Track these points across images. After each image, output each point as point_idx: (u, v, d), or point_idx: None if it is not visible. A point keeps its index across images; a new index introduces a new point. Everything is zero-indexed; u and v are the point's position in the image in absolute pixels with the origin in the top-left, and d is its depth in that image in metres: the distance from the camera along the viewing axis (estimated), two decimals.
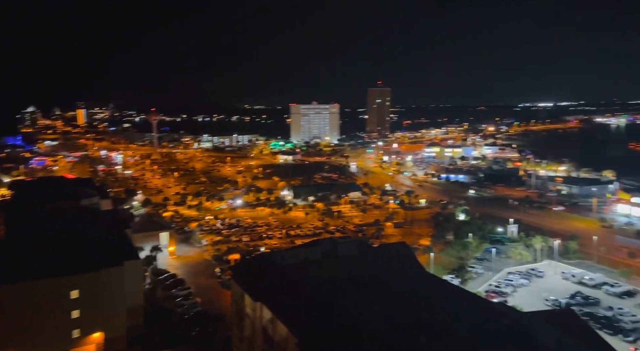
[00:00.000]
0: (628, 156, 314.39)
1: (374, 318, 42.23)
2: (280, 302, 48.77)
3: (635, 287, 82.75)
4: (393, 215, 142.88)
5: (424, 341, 37.50)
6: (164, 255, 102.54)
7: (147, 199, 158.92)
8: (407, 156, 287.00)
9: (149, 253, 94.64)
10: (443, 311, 42.60)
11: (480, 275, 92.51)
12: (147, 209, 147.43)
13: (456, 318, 40.72)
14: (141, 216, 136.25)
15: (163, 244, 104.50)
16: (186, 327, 67.17)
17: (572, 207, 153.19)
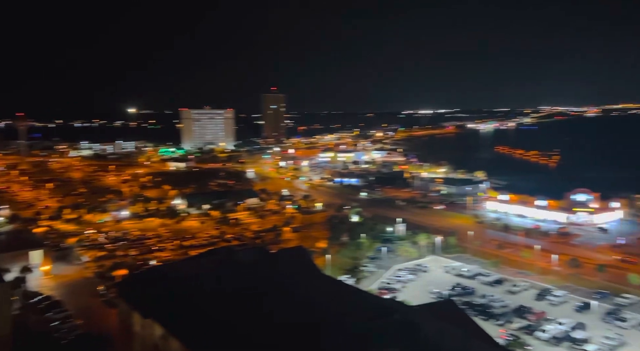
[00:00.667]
0: (495, 158, 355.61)
1: (270, 325, 42.05)
2: (172, 317, 46.29)
3: (503, 275, 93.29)
4: (291, 220, 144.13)
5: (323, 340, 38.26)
6: (37, 276, 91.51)
7: (15, 215, 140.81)
8: (303, 161, 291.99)
9: (18, 275, 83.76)
10: (337, 311, 43.91)
11: (373, 273, 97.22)
12: (15, 225, 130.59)
13: (350, 317, 42.24)
14: (7, 233, 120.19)
15: (34, 264, 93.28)
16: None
17: (450, 205, 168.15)
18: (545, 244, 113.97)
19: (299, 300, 47.62)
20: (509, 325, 71.51)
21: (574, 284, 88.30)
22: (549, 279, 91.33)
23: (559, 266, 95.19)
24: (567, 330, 67.92)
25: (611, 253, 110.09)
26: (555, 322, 70.62)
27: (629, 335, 67.20)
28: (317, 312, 44.49)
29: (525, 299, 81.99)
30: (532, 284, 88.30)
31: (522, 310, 76.16)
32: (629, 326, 69.74)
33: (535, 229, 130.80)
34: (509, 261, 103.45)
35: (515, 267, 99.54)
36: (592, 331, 67.58)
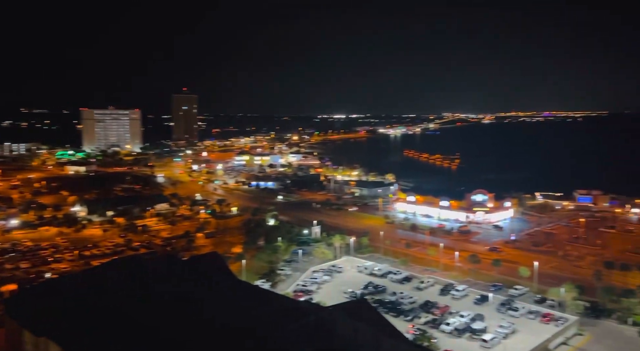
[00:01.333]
0: (403, 161, 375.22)
1: (181, 336, 40.19)
2: (71, 335, 42.37)
3: (411, 273, 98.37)
4: (204, 225, 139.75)
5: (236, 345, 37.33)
6: None
7: None
8: (218, 164, 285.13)
9: None
10: (252, 316, 43.20)
11: (289, 277, 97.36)
12: None
13: (264, 321, 41.75)
14: None
15: None
16: None
17: (363, 207, 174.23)
18: (448, 242, 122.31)
19: (212, 307, 46.09)
20: (417, 320, 75.48)
21: (473, 279, 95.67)
22: (452, 274, 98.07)
23: (461, 262, 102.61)
24: (468, 322, 73.28)
25: (504, 248, 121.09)
26: (457, 315, 75.82)
27: (519, 323, 74.19)
28: (231, 318, 43.38)
29: (431, 294, 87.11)
30: (437, 280, 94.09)
31: (428, 305, 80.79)
32: (520, 315, 77.02)
33: (440, 228, 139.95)
34: (417, 259, 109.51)
35: (422, 264, 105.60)
36: (489, 321, 73.58)
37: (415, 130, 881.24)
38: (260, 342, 38.49)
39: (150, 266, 59.10)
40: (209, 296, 49.46)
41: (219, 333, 40.43)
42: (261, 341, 38.55)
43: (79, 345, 40.84)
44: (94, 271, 68.37)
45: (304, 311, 46.36)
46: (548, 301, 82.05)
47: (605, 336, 70.98)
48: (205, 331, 40.94)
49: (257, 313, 44.58)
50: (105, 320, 44.33)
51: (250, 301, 48.41)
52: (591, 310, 78.02)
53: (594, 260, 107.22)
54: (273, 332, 39.73)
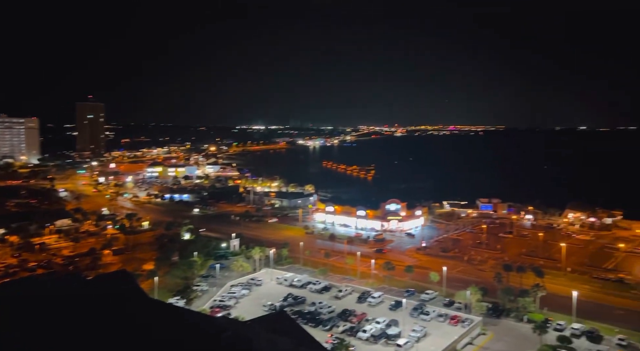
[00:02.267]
0: (322, 172, 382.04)
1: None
2: None
3: (330, 282, 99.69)
4: (112, 242, 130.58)
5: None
6: None
7: None
8: (127, 176, 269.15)
9: None
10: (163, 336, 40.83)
11: (206, 292, 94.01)
12: None
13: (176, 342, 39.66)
14: None
15: None
16: None
17: (283, 218, 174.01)
18: (365, 250, 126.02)
19: (120, 329, 42.80)
20: (335, 329, 76.48)
21: (388, 285, 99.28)
22: (368, 282, 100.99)
23: (376, 269, 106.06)
24: (383, 328, 75.73)
25: (416, 255, 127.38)
26: (373, 322, 78.06)
27: (431, 326, 78.18)
28: (140, 340, 40.56)
29: (349, 303, 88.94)
30: (355, 288, 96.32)
31: (346, 313, 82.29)
32: (431, 319, 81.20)
33: (357, 237, 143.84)
34: (336, 268, 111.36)
35: (341, 273, 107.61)
36: (403, 326, 76.60)
37: (333, 142, 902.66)
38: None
39: (48, 287, 53.66)
40: (116, 317, 45.91)
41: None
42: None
43: None
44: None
45: (220, 328, 44.77)
46: (456, 304, 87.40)
47: (505, 334, 77.10)
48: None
49: (170, 332, 42.20)
50: None
51: (162, 320, 45.74)
52: (493, 310, 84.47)
53: (494, 263, 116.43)
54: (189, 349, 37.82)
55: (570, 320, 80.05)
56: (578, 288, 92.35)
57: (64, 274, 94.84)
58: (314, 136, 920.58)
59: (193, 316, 51.90)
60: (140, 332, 42.79)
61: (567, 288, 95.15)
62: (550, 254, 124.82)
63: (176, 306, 68.13)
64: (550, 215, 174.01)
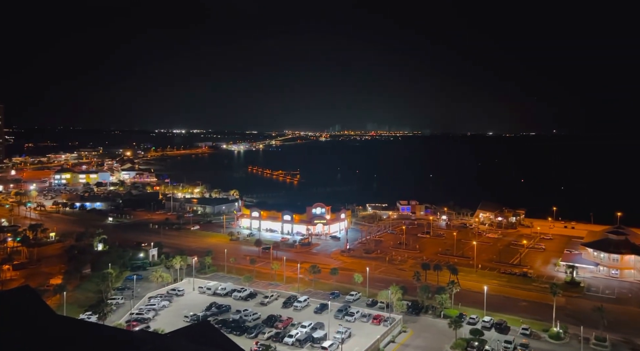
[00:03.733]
0: (247, 177, 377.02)
1: None
2: None
3: (255, 289, 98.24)
4: (12, 255, 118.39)
5: None
6: None
7: None
8: (31, 184, 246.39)
9: None
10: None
11: (122, 306, 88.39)
12: None
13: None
14: None
15: None
16: None
17: (207, 225, 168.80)
18: (291, 255, 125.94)
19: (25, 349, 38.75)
20: (261, 336, 75.42)
21: (314, 289, 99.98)
22: (294, 287, 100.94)
23: (302, 273, 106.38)
24: (309, 331, 75.98)
25: (341, 257, 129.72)
26: (299, 326, 78.04)
27: (355, 327, 79.78)
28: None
29: (275, 308, 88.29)
30: (280, 293, 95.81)
31: (272, 319, 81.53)
32: (355, 319, 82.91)
33: (283, 242, 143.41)
34: (262, 274, 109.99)
35: (267, 279, 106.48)
36: (328, 328, 77.42)
37: (259, 146, 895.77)
38: None
39: None
40: (18, 340, 41.55)
41: None
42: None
43: None
44: None
45: (137, 342, 42.20)
46: (378, 304, 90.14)
47: (424, 330, 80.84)
48: None
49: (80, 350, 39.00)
50: None
51: (71, 339, 42.16)
52: (412, 307, 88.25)
53: (413, 263, 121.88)
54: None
55: (482, 313, 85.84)
56: (488, 283, 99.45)
57: None
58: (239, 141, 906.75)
59: (108, 331, 48.49)
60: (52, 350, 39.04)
61: (478, 283, 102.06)
62: (463, 252, 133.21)
63: (87, 321, 63.26)
64: (464, 215, 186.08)
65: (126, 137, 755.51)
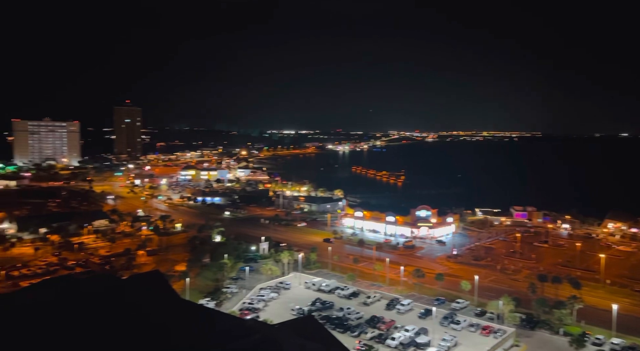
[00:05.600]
0: (351, 177, 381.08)
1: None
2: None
3: (358, 288, 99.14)
4: (146, 242, 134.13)
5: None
6: None
7: None
8: (162, 179, 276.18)
9: None
10: (194, 337, 41.61)
11: (235, 294, 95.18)
12: None
13: (207, 342, 40.36)
14: None
15: None
16: None
17: (312, 222, 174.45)
18: (394, 257, 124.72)
19: (152, 329, 43.92)
20: (363, 335, 75.93)
21: (418, 293, 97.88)
22: (397, 289, 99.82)
23: (406, 276, 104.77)
24: (412, 336, 74.65)
25: (447, 263, 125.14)
26: (402, 329, 77.06)
27: (461, 336, 76.53)
28: (172, 340, 41.51)
29: (378, 309, 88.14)
30: (383, 295, 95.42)
31: (374, 320, 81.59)
32: (461, 328, 79.51)
33: (386, 243, 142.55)
34: (364, 274, 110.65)
35: (369, 279, 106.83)
36: (432, 335, 75.32)
37: (363, 147, 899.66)
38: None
39: (86, 286, 55.62)
40: (149, 317, 47.16)
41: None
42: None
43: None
44: (22, 292, 63.42)
45: (249, 330, 45.28)
46: (487, 314, 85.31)
47: (540, 347, 74.62)
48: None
49: (200, 333, 43.00)
50: (37, 346, 41.08)
51: (193, 321, 46.66)
52: (526, 321, 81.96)
53: (529, 273, 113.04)
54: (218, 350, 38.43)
55: (609, 334, 76.77)
56: (618, 301, 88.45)
57: (101, 274, 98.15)
58: (344, 141, 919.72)
59: (223, 317, 52.75)
60: (173, 332, 43.76)
61: (606, 301, 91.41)
62: (588, 265, 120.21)
63: (207, 307, 69.29)
64: (589, 225, 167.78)
65: (242, 138, 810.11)
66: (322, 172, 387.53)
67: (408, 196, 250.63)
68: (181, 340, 41.87)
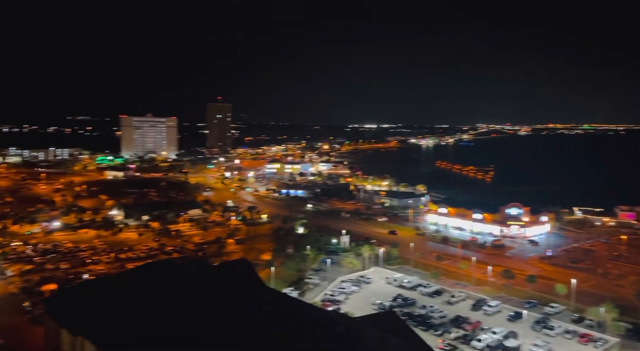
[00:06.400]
0: (435, 172, 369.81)
1: (210, 340, 40.71)
2: (106, 334, 43.61)
3: (442, 286, 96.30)
4: (235, 232, 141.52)
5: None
6: None
7: None
8: (249, 172, 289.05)
9: None
10: (280, 324, 43.30)
11: (317, 286, 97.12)
12: None
13: (292, 329, 41.78)
14: None
15: None
16: None
17: (393, 217, 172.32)
18: (481, 256, 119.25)
19: (240, 313, 46.49)
20: (447, 335, 73.73)
21: (506, 295, 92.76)
22: (484, 289, 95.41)
23: (494, 277, 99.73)
24: (500, 339, 71.01)
25: (540, 264, 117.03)
26: (489, 331, 73.62)
27: (555, 342, 71.33)
28: (259, 325, 43.64)
29: (462, 309, 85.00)
30: (469, 294, 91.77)
31: (459, 320, 78.84)
32: (556, 334, 74.08)
33: (472, 242, 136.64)
34: (448, 272, 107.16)
35: (454, 278, 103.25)
36: (523, 339, 71.06)
37: (448, 141, 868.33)
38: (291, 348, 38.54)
39: (182, 270, 60.23)
40: (238, 302, 49.93)
41: (248, 339, 40.73)
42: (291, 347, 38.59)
43: (113, 344, 41.96)
44: (129, 273, 70.32)
45: (331, 321, 46.13)
46: (586, 321, 78.60)
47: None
48: (234, 336, 41.32)
49: (285, 321, 44.67)
50: (139, 320, 45.43)
51: (279, 308, 48.57)
52: (633, 332, 74.24)
53: (636, 279, 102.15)
54: (301, 340, 39.71)
55: None
56: None
57: (195, 259, 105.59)
58: (428, 135, 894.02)
59: (307, 307, 54.34)
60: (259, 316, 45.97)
61: None
62: None
63: (291, 296, 71.56)
64: None
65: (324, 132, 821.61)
66: (404, 166, 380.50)
67: (497, 192, 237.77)
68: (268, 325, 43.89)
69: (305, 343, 39.49)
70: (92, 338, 43.07)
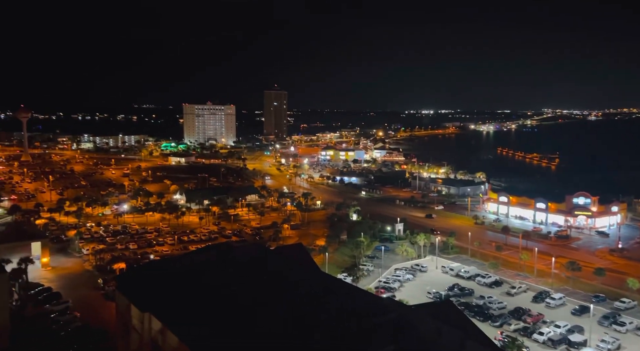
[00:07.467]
0: (496, 160, 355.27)
1: (267, 322, 42.12)
2: (170, 311, 46.34)
3: (501, 277, 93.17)
4: (290, 217, 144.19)
5: (318, 337, 38.38)
6: (37, 267, 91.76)
7: (15, 206, 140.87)
8: (304, 158, 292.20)
9: (18, 266, 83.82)
10: (335, 309, 43.92)
11: (371, 272, 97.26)
12: (15, 216, 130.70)
13: (347, 315, 42.28)
14: (7, 224, 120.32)
15: (35, 255, 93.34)
16: (63, 345, 60.64)
17: (450, 206, 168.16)
18: (544, 247, 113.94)
19: (296, 297, 47.64)
20: (506, 326, 71.53)
21: (571, 288, 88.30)
22: (547, 282, 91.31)
23: (557, 269, 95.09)
24: (564, 333, 67.92)
25: (610, 257, 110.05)
26: (552, 325, 70.63)
27: (626, 339, 67.22)
28: (313, 309, 44.54)
29: (523, 301, 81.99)
30: (530, 286, 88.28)
31: (519, 311, 76.19)
32: (626, 331, 69.76)
33: (535, 232, 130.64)
34: (508, 263, 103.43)
35: (514, 269, 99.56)
36: (589, 334, 67.54)
37: (511, 126, 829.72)
38: (344, 333, 39.10)
39: (241, 253, 62.48)
40: (293, 285, 51.16)
41: (304, 321, 41.74)
42: (344, 333, 39.16)
43: (178, 320, 44.53)
44: (191, 255, 73.95)
45: (386, 307, 46.15)
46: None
47: None
48: (291, 318, 42.49)
49: (340, 306, 45.23)
50: (202, 299, 47.84)
51: (333, 294, 49.22)
52: None
53: None
54: (356, 325, 40.13)
55: None
56: None
57: (252, 243, 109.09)
58: (488, 121, 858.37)
59: (361, 293, 54.62)
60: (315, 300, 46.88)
61: None
62: None
63: (346, 282, 72.26)
64: None
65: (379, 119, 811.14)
66: (463, 153, 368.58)
67: (563, 181, 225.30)
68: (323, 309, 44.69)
69: (361, 327, 39.86)
70: (158, 315, 45.87)
